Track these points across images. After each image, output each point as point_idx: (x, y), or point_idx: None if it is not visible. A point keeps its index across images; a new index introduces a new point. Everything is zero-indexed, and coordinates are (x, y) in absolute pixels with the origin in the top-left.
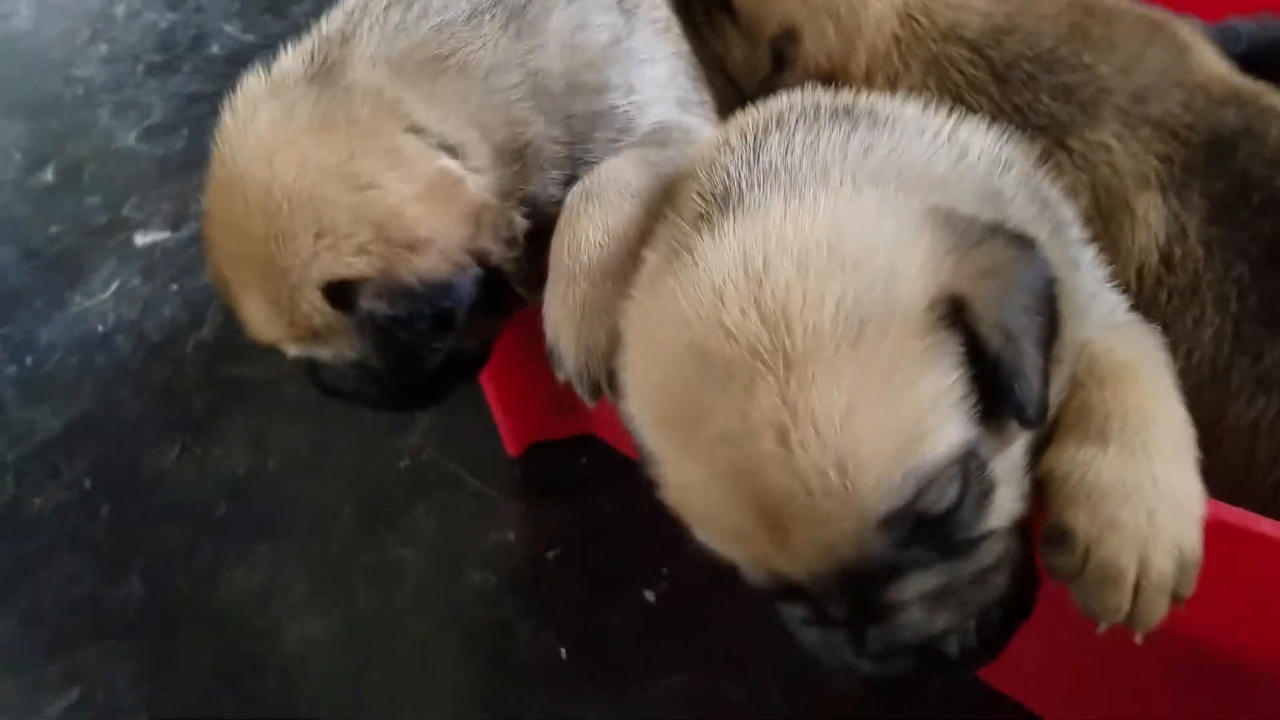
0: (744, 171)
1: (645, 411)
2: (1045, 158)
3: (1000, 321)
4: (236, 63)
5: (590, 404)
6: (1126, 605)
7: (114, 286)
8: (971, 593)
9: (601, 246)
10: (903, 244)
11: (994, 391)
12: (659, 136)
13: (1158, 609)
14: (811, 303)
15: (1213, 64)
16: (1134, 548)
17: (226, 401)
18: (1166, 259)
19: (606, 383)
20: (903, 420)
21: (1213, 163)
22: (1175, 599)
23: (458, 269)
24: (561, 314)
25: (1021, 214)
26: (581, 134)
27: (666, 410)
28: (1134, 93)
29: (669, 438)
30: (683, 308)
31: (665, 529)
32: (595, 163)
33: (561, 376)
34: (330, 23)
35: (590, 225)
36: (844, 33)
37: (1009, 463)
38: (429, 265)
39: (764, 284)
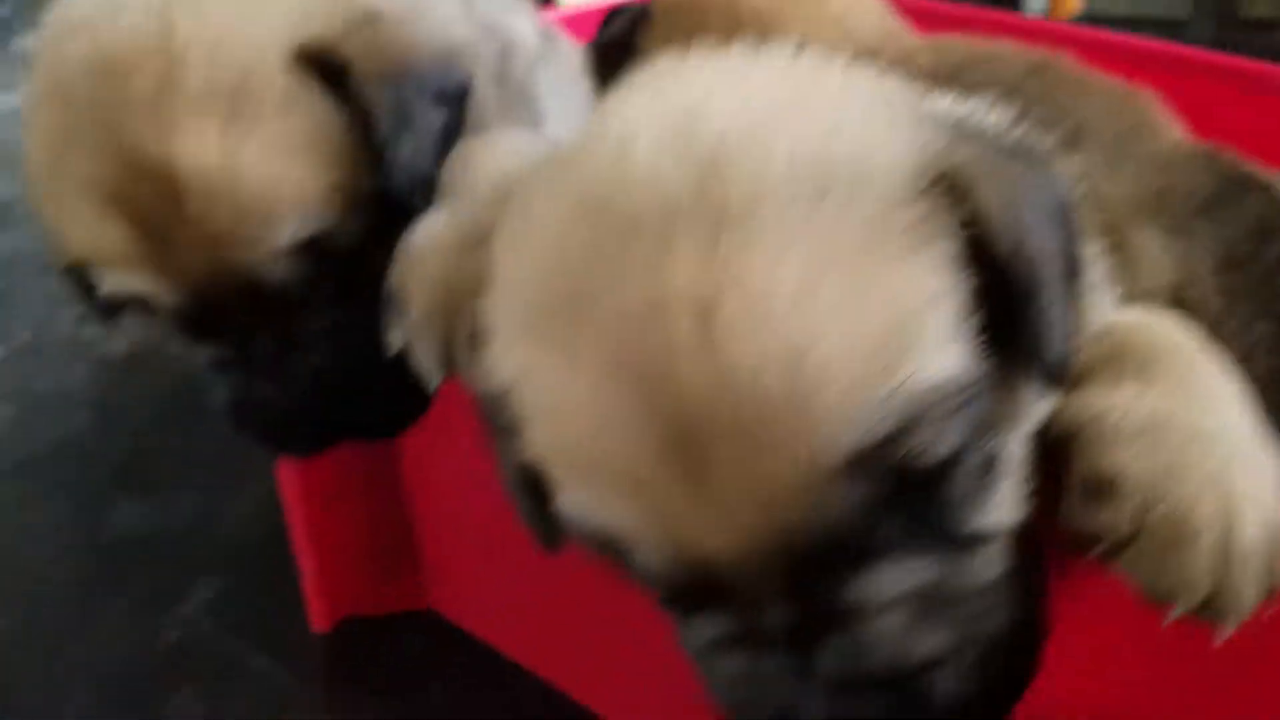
0: None
1: (513, 315)
2: None
3: (1011, 219)
4: None
5: (434, 375)
6: (1206, 579)
7: None
8: (968, 610)
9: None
10: (883, 115)
11: (1001, 331)
12: None
13: (1248, 591)
14: (758, 146)
15: (1189, 135)
16: (1215, 497)
17: None
18: (1178, 302)
19: (466, 337)
20: (882, 315)
21: (1221, 202)
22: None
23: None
24: (428, 237)
25: None
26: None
27: (543, 299)
28: (1118, 133)
29: (544, 339)
30: (580, 166)
31: None
32: None
33: (401, 332)
34: None
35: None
36: None
37: (1015, 443)
38: (422, 32)
39: (693, 127)
